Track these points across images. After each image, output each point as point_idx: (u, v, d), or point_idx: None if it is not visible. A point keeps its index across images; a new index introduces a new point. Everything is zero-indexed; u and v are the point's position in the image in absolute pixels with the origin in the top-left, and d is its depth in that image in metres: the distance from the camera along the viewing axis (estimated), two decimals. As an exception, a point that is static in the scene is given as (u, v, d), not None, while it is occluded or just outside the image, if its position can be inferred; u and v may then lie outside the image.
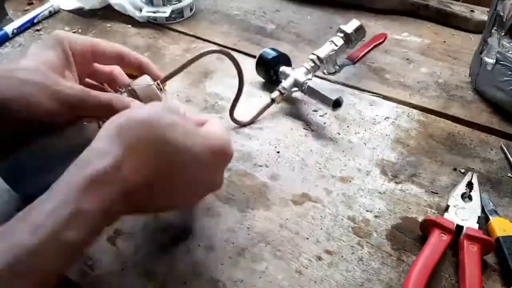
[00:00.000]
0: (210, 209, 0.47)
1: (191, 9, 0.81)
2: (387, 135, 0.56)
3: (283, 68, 0.61)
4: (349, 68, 0.65)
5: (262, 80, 0.65)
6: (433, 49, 0.72)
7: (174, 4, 0.78)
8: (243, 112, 0.57)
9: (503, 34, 0.56)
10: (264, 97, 0.61)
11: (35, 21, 0.79)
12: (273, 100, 0.58)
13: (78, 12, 0.82)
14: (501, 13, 0.55)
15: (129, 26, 0.78)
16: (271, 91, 0.60)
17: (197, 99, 0.62)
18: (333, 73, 0.62)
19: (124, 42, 0.74)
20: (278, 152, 0.54)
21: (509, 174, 0.51)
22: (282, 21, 0.80)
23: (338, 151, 0.54)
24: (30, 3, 0.85)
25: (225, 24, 0.79)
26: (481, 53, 0.59)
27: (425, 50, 0.72)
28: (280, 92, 0.58)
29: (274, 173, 0.51)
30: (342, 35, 0.61)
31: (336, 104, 0.55)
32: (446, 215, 0.45)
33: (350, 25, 0.61)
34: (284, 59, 0.62)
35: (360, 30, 0.61)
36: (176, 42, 0.75)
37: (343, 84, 0.65)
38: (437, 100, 0.62)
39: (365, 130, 0.57)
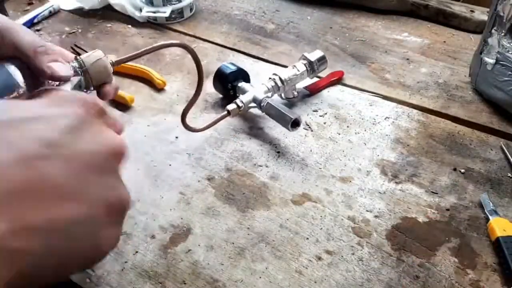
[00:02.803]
0: (210, 209, 0.47)
1: (191, 9, 0.81)
2: (387, 135, 0.56)
3: (242, 84, 0.59)
4: (348, 68, 0.65)
5: (220, 95, 0.62)
6: (433, 49, 0.72)
7: (174, 4, 0.78)
8: (194, 122, 0.53)
9: (503, 34, 0.56)
10: (221, 112, 0.57)
11: (35, 21, 0.79)
12: (229, 112, 0.55)
13: (78, 12, 0.82)
14: (501, 13, 0.55)
15: (129, 26, 0.78)
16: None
17: (197, 99, 0.62)
18: (291, 99, 0.61)
19: (124, 42, 0.74)
20: (278, 152, 0.54)
21: (509, 174, 0.51)
22: (282, 21, 0.80)
23: (338, 151, 0.54)
24: (30, 3, 0.85)
25: (225, 24, 0.79)
26: (481, 53, 0.59)
27: (425, 50, 0.72)
28: (237, 105, 0.56)
29: (274, 173, 0.51)
30: (305, 62, 0.60)
31: (295, 123, 0.53)
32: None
33: (314, 54, 0.61)
34: (243, 75, 0.60)
35: (322, 60, 0.61)
36: (176, 42, 0.75)
37: (343, 84, 0.65)
38: (437, 100, 0.62)
39: (365, 130, 0.57)
